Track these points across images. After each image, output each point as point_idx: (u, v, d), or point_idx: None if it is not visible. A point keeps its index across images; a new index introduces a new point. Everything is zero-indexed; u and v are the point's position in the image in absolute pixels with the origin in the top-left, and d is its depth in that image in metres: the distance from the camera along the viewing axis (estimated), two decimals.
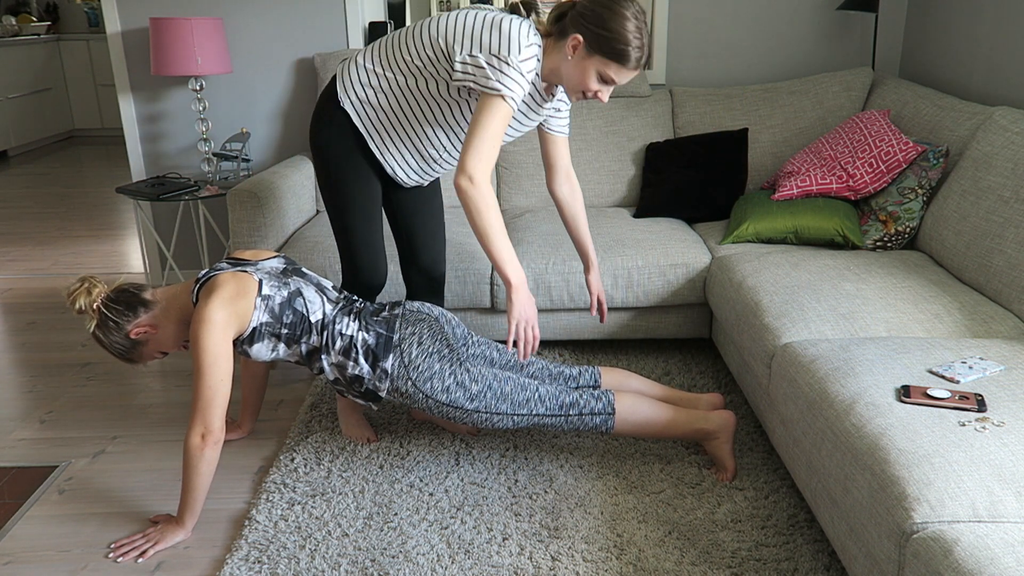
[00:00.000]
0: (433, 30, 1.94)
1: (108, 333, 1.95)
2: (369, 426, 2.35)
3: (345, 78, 2.06)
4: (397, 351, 2.01)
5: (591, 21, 1.79)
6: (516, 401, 2.03)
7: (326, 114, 2.09)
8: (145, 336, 1.97)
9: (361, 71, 2.05)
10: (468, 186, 1.81)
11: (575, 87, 1.89)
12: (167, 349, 2.03)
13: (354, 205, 2.15)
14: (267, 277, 1.99)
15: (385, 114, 2.05)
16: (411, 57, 1.97)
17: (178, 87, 3.49)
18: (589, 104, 3.22)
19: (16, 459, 2.31)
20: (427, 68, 1.96)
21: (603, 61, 1.81)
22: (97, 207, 5.33)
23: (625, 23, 1.78)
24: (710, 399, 2.21)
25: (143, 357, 2.02)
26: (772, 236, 2.66)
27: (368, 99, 2.04)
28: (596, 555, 1.83)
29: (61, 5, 8.40)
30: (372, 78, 2.03)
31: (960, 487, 1.34)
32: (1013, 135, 2.26)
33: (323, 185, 2.16)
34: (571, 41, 1.82)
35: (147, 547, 1.88)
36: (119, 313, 1.94)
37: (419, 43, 1.96)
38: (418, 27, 1.99)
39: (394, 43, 2.02)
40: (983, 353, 1.81)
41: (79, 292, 1.92)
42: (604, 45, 1.79)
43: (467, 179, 1.81)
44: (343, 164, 2.11)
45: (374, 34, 3.43)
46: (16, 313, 3.44)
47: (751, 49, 3.44)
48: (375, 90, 2.03)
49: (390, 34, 2.06)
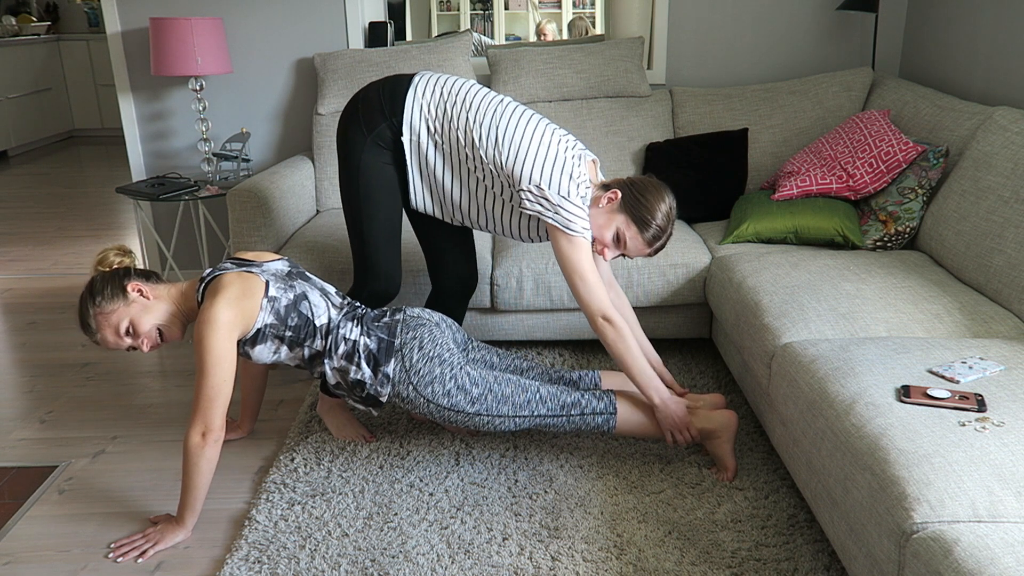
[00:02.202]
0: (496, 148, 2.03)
1: (108, 278, 1.94)
2: (359, 423, 2.35)
3: (413, 115, 2.09)
4: (398, 356, 2.01)
5: (635, 188, 2.03)
6: (517, 403, 2.03)
7: (375, 128, 2.10)
8: (137, 297, 1.94)
9: (425, 119, 2.08)
10: (607, 327, 2.00)
11: (593, 233, 2.06)
12: (143, 325, 1.94)
13: (379, 216, 2.16)
14: (274, 279, 1.99)
15: (433, 169, 2.12)
16: (471, 155, 2.06)
17: (178, 87, 3.49)
18: (589, 104, 3.22)
19: (16, 459, 2.31)
20: (488, 175, 2.07)
21: (627, 221, 2.02)
22: (97, 207, 5.33)
23: (660, 203, 2.02)
24: (711, 399, 2.20)
25: (112, 323, 1.92)
26: (772, 236, 2.66)
27: (425, 150, 2.10)
28: (596, 555, 1.83)
29: (61, 5, 8.40)
30: (436, 136, 2.08)
31: (960, 487, 1.34)
32: (1013, 135, 2.25)
33: (349, 192, 2.17)
34: (610, 194, 2.03)
35: (147, 547, 1.88)
36: (129, 269, 1.98)
37: (482, 149, 2.04)
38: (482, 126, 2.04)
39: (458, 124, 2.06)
40: (983, 353, 1.81)
41: (112, 249, 2.00)
42: (635, 208, 2.01)
43: (604, 320, 2.00)
44: (377, 178, 2.13)
45: (374, 34, 3.43)
46: (16, 313, 3.44)
47: (751, 49, 3.44)
48: (435, 146, 2.09)
49: (456, 94, 2.08)
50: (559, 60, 3.22)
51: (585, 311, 2.02)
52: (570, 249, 1.99)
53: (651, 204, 2.01)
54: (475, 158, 2.06)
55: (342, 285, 2.68)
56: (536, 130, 2.04)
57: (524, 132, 2.03)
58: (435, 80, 2.12)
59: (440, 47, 3.23)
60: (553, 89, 3.22)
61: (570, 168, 2.01)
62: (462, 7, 7.94)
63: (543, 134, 2.04)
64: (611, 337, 2.00)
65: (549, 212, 1.98)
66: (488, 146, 2.03)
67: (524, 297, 2.66)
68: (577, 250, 1.99)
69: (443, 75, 2.15)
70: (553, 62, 3.21)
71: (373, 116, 2.11)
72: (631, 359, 2.00)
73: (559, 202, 1.97)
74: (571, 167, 2.01)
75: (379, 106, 2.11)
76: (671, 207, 2.04)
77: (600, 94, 3.24)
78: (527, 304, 2.68)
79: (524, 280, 2.64)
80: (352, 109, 2.16)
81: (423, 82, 2.12)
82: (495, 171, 2.05)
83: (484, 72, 3.47)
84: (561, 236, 2.00)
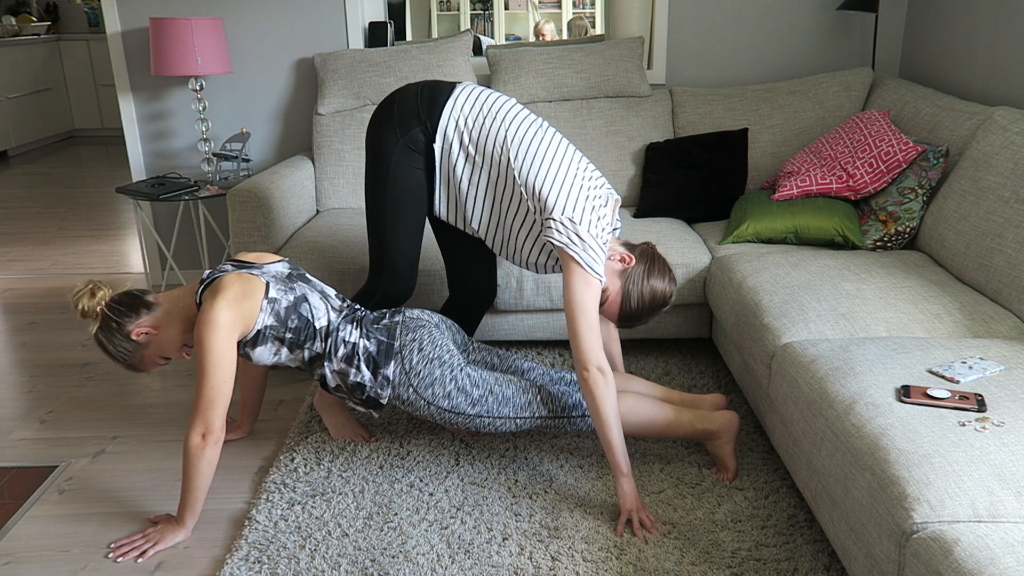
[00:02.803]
0: (531, 170, 1.99)
1: (111, 335, 1.94)
2: (358, 423, 2.35)
3: (448, 124, 2.06)
4: (398, 358, 2.01)
5: (649, 270, 2.03)
6: (518, 404, 2.03)
7: (408, 131, 2.08)
8: (147, 338, 1.96)
9: (459, 131, 2.05)
10: (599, 378, 1.89)
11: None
12: (169, 353, 2.01)
13: (404, 219, 2.15)
14: (274, 280, 1.99)
15: (459, 180, 2.09)
16: (503, 173, 2.03)
17: (178, 87, 3.49)
18: (589, 104, 3.22)
19: (16, 459, 2.31)
20: (516, 196, 2.04)
21: (620, 291, 2.02)
22: (97, 207, 5.33)
23: (658, 299, 2.04)
24: (713, 400, 2.21)
25: (145, 362, 2.01)
26: (772, 236, 2.66)
27: (455, 160, 2.07)
28: (596, 555, 1.83)
29: (61, 5, 8.40)
30: (469, 148, 2.05)
31: (960, 487, 1.34)
32: (1013, 135, 2.26)
33: (375, 191, 2.14)
34: (625, 256, 2.03)
35: (147, 547, 1.88)
36: (121, 314, 1.93)
37: (516, 169, 2.01)
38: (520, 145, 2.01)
39: (495, 139, 2.03)
40: (983, 353, 1.81)
41: (82, 294, 1.93)
42: (635, 287, 2.02)
43: (597, 371, 1.89)
44: (406, 182, 2.11)
45: (374, 34, 3.43)
46: (16, 313, 3.44)
47: (751, 49, 3.44)
48: (466, 158, 2.06)
49: (496, 111, 2.06)
50: (559, 60, 3.22)
51: (577, 356, 1.90)
52: (583, 288, 1.91)
53: (649, 294, 2.02)
54: (507, 176, 2.02)
55: (341, 285, 2.68)
56: (572, 161, 2.01)
57: (562, 162, 2.00)
58: (476, 93, 2.09)
59: (440, 47, 3.23)
60: (553, 89, 3.22)
61: (600, 209, 1.97)
62: (462, 7, 7.94)
63: (579, 167, 2.01)
64: (600, 390, 1.88)
65: (577, 247, 1.91)
66: (524, 167, 1.99)
67: (524, 297, 2.66)
68: (590, 290, 1.91)
69: (485, 89, 2.11)
70: (553, 62, 3.21)
71: (408, 119, 2.08)
72: (612, 419, 1.90)
73: (589, 240, 1.92)
74: (599, 207, 1.98)
75: (416, 109, 2.08)
76: (664, 306, 2.05)
77: (600, 94, 3.25)
78: (527, 304, 2.68)
79: (524, 280, 2.64)
80: (387, 109, 2.12)
81: (464, 93, 2.08)
82: (525, 192, 2.01)
83: (484, 72, 3.47)
84: (578, 273, 1.92)
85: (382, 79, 3.19)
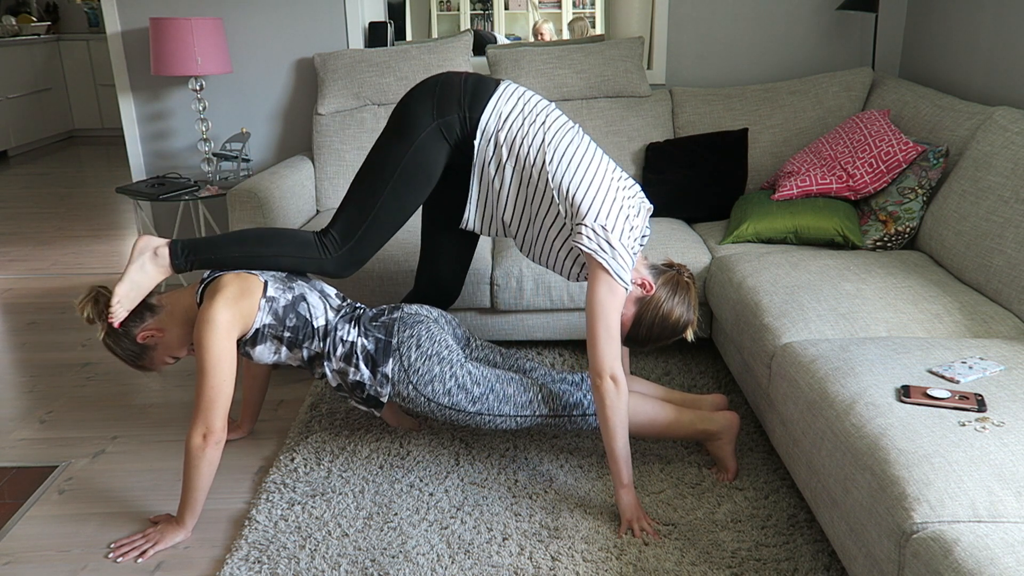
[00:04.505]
0: (566, 174, 1.97)
1: (117, 340, 1.97)
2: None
3: (490, 120, 2.01)
4: (396, 355, 2.01)
5: (669, 298, 2.01)
6: (519, 403, 2.03)
7: (446, 116, 2.02)
8: (153, 340, 1.98)
9: (498, 129, 2.01)
10: (611, 387, 1.87)
11: None
12: (176, 353, 2.04)
13: (402, 199, 2.06)
14: (272, 279, 2.00)
15: (491, 177, 2.05)
16: (537, 175, 2.00)
17: (178, 87, 3.49)
18: (589, 104, 3.22)
19: (16, 459, 2.31)
20: (548, 200, 2.01)
21: (634, 314, 2.01)
22: (97, 207, 5.33)
23: (669, 331, 2.02)
24: (713, 400, 2.21)
25: (154, 363, 2.04)
26: (772, 236, 2.66)
27: (491, 157, 2.03)
28: (596, 555, 1.83)
29: (61, 5, 8.40)
30: (506, 147, 2.01)
31: (960, 487, 1.34)
32: (1013, 135, 2.26)
33: (386, 161, 2.04)
34: (647, 282, 2.00)
35: (147, 547, 1.88)
36: (126, 319, 1.96)
37: (550, 172, 1.98)
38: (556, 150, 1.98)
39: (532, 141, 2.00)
40: (983, 353, 1.81)
41: (87, 301, 1.94)
42: (649, 314, 2.00)
43: (611, 381, 1.87)
44: (425, 166, 2.04)
45: (374, 34, 3.43)
46: (16, 313, 3.44)
47: (751, 49, 3.44)
48: (506, 153, 2.02)
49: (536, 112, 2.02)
50: (559, 60, 3.22)
51: (593, 363, 1.88)
52: (608, 296, 1.88)
53: (663, 325, 2.00)
54: (539, 179, 1.99)
55: (341, 284, 2.68)
56: (608, 169, 1.99)
57: (598, 169, 1.98)
58: (519, 93, 2.05)
59: (440, 47, 3.23)
60: (553, 89, 3.22)
61: (632, 219, 1.96)
62: (462, 7, 7.94)
63: (614, 176, 1.99)
64: (611, 400, 1.86)
65: (606, 255, 1.88)
66: (558, 172, 1.96)
67: (524, 297, 2.66)
68: (615, 299, 1.89)
69: (527, 90, 2.08)
70: (553, 62, 3.21)
71: (449, 105, 2.03)
72: (620, 430, 1.89)
73: (619, 248, 1.89)
74: (632, 217, 1.96)
75: (459, 97, 2.03)
76: (673, 337, 2.04)
77: (600, 94, 3.25)
78: (527, 304, 2.68)
79: (524, 280, 2.64)
80: (429, 89, 2.05)
81: (508, 91, 2.04)
82: (557, 196, 1.98)
83: (484, 72, 3.47)
84: (604, 279, 1.89)
85: (382, 79, 3.19)
